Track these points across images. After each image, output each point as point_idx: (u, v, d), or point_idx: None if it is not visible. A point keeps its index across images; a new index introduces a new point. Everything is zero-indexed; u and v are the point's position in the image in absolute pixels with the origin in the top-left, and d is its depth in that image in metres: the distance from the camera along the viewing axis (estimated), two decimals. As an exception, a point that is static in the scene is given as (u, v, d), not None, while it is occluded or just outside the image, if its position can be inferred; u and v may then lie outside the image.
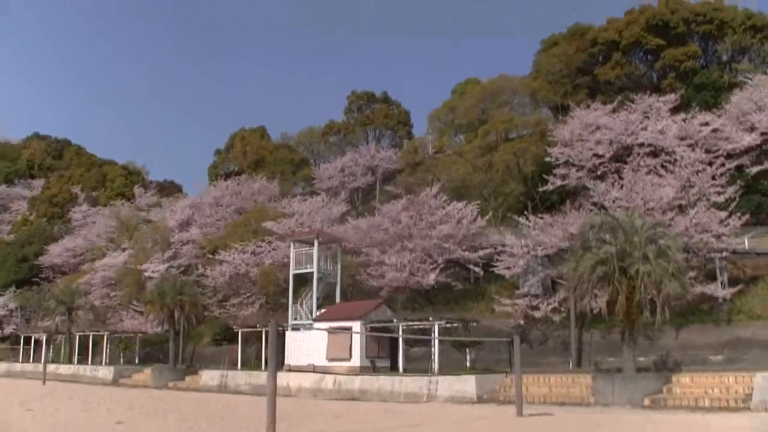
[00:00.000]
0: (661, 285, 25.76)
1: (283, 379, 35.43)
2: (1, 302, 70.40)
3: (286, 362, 38.59)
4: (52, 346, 59.58)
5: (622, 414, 22.23)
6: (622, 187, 38.46)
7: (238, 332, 42.93)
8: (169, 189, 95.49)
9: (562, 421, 20.29)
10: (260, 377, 37.12)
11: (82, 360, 54.38)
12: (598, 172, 41.58)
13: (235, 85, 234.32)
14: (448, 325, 34.85)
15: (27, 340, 62.00)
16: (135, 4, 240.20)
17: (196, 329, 49.74)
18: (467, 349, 34.55)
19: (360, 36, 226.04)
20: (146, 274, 56.12)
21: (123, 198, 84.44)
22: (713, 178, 37.30)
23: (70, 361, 55.35)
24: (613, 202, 37.62)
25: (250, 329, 42.15)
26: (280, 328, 40.81)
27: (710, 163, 38.10)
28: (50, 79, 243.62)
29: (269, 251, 48.86)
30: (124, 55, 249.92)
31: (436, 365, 32.74)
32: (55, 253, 73.27)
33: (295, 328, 39.25)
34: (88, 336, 54.81)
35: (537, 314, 37.57)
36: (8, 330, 68.88)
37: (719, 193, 36.44)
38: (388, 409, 24.81)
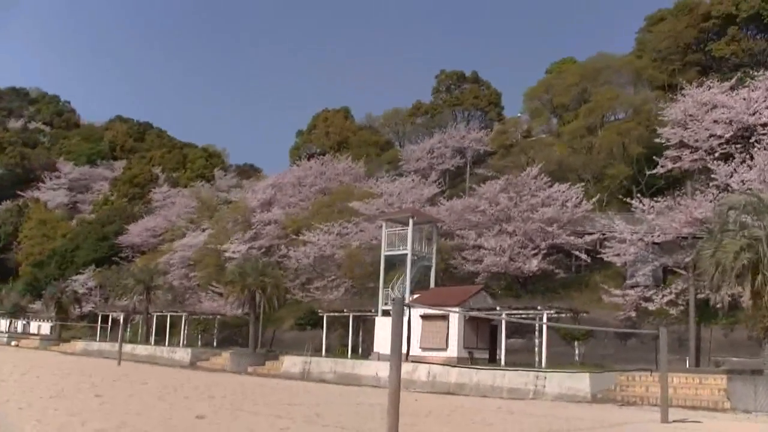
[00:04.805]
0: (816, 276, 22.29)
1: (372, 368, 33.00)
2: (81, 280, 70.49)
3: (375, 350, 36.15)
4: (129, 326, 58.72)
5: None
6: (752, 167, 34.61)
7: (322, 317, 40.61)
8: (249, 172, 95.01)
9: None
10: (346, 365, 35.19)
11: (159, 341, 53.13)
12: (716, 154, 37.88)
13: (319, 68, 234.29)
14: (556, 315, 31.54)
15: (105, 319, 61.40)
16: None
17: (278, 313, 47.43)
18: (576, 342, 31.30)
19: (449, 14, 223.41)
20: (226, 254, 54.49)
21: (203, 179, 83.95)
22: None
23: (147, 342, 54.36)
24: (743, 183, 33.78)
25: (337, 313, 39.77)
26: (369, 313, 38.32)
27: None
28: (134, 63, 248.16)
29: (356, 232, 46.50)
30: (207, 40, 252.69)
31: (543, 359, 29.61)
32: (135, 233, 73.14)
33: (386, 314, 36.41)
34: (166, 316, 53.59)
35: (650, 306, 34.13)
36: (87, 308, 68.53)
37: None
38: (500, 407, 21.86)
